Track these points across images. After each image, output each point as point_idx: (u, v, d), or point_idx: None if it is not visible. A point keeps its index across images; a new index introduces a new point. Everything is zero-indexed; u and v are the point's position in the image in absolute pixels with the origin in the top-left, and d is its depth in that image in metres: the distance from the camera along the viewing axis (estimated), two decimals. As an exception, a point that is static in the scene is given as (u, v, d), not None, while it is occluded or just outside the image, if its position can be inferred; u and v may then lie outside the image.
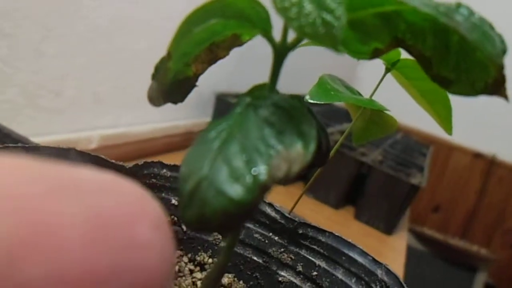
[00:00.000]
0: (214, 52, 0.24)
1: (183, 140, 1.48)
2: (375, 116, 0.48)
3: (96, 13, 1.04)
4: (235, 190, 0.16)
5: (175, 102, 0.24)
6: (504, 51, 0.18)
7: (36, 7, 0.91)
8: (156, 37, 1.18)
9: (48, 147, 0.32)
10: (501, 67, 0.18)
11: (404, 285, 0.32)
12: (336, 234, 0.36)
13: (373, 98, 0.47)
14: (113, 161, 0.34)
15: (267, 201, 0.37)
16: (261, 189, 0.16)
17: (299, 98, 0.22)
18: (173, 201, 0.37)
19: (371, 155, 1.39)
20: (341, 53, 0.16)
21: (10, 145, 0.32)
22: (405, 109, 1.16)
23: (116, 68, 1.13)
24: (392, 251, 1.23)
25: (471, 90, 0.20)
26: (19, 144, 0.33)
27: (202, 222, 0.16)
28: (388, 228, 1.27)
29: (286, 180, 0.17)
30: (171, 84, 0.24)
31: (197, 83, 0.25)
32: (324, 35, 0.16)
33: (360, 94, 0.46)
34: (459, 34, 0.16)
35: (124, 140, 1.20)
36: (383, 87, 0.48)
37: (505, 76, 0.18)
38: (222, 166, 0.16)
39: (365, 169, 1.33)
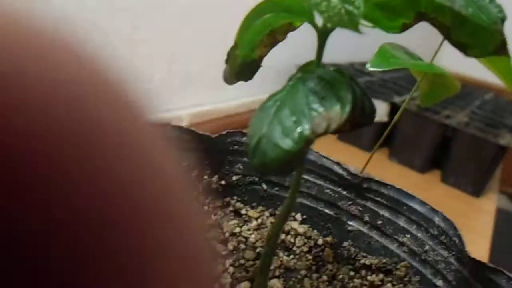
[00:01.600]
0: (274, 37, 0.30)
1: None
2: (439, 78, 0.51)
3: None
4: (286, 143, 0.21)
5: (245, 80, 0.30)
6: (502, 19, 0.21)
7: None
8: (237, 15, 1.24)
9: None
10: (501, 33, 0.22)
11: (458, 228, 0.36)
12: (397, 186, 0.40)
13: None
14: (201, 132, 0.41)
15: (335, 161, 0.42)
16: (305, 141, 0.21)
17: (340, 71, 0.27)
18: (254, 164, 0.44)
19: (457, 117, 1.37)
20: (361, 33, 0.21)
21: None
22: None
23: (202, 48, 1.21)
24: (480, 214, 1.22)
25: (484, 52, 0.24)
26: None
27: (263, 167, 0.22)
28: (476, 191, 1.26)
29: (326, 134, 0.22)
30: (241, 66, 0.30)
31: (276, 59, 0.31)
32: (347, 22, 0.21)
33: (420, 59, 0.49)
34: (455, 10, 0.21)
35: (211, 117, 1.29)
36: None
37: (505, 39, 0.22)
38: (276, 126, 0.22)
39: (450, 132, 1.32)
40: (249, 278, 0.37)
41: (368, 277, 0.39)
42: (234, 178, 0.44)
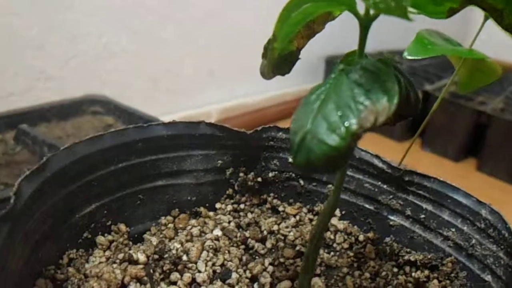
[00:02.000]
0: (312, 28, 0.28)
1: (296, 107, 1.54)
2: (478, 64, 0.49)
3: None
4: (333, 139, 0.20)
5: (283, 74, 0.29)
6: None
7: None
8: (261, 13, 1.23)
9: (182, 122, 0.39)
10: None
11: (507, 221, 0.34)
12: (440, 179, 0.39)
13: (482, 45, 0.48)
14: (236, 128, 0.40)
15: (374, 154, 0.41)
16: (353, 137, 0.20)
17: (385, 61, 0.25)
18: (290, 160, 0.43)
19: (491, 104, 1.33)
20: (411, 20, 0.20)
21: (154, 123, 0.40)
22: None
23: (228, 45, 1.20)
24: (519, 201, 1.18)
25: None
26: (160, 122, 0.41)
27: (309, 165, 0.21)
28: (514, 178, 1.22)
29: (373, 128, 0.21)
30: (279, 59, 0.29)
31: (305, 50, 0.30)
32: (395, 8, 0.20)
33: (459, 45, 0.47)
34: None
35: (240, 111, 1.29)
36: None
37: None
38: (321, 121, 0.21)
39: (485, 118, 1.28)
40: (290, 277, 0.36)
41: (413, 274, 0.38)
42: (270, 174, 0.43)
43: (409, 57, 0.43)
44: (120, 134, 0.36)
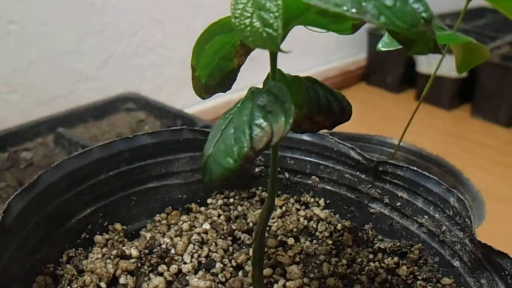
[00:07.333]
0: (246, 46, 0.31)
1: (341, 81, 1.53)
2: (469, 46, 0.48)
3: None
4: (227, 162, 0.23)
5: (224, 91, 0.32)
6: (427, 19, 0.21)
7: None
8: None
9: (166, 130, 0.42)
10: (429, 33, 0.21)
11: (469, 209, 0.35)
12: (412, 168, 0.40)
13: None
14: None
15: (350, 146, 0.43)
16: (244, 159, 0.23)
17: (297, 78, 0.28)
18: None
19: (544, 65, 1.26)
20: (286, 52, 0.22)
21: (139, 133, 0.44)
22: None
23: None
24: None
25: (427, 49, 0.24)
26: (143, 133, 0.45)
27: (211, 184, 0.24)
28: None
29: (268, 147, 0.24)
30: (221, 78, 0.32)
31: None
32: (269, 43, 0.22)
33: (443, 29, 0.47)
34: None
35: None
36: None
37: (434, 39, 0.22)
38: (221, 145, 0.24)
39: (537, 82, 1.22)
40: (271, 264, 0.40)
41: (385, 260, 0.40)
42: (256, 170, 0.46)
43: (383, 49, 0.44)
44: (107, 147, 0.40)
